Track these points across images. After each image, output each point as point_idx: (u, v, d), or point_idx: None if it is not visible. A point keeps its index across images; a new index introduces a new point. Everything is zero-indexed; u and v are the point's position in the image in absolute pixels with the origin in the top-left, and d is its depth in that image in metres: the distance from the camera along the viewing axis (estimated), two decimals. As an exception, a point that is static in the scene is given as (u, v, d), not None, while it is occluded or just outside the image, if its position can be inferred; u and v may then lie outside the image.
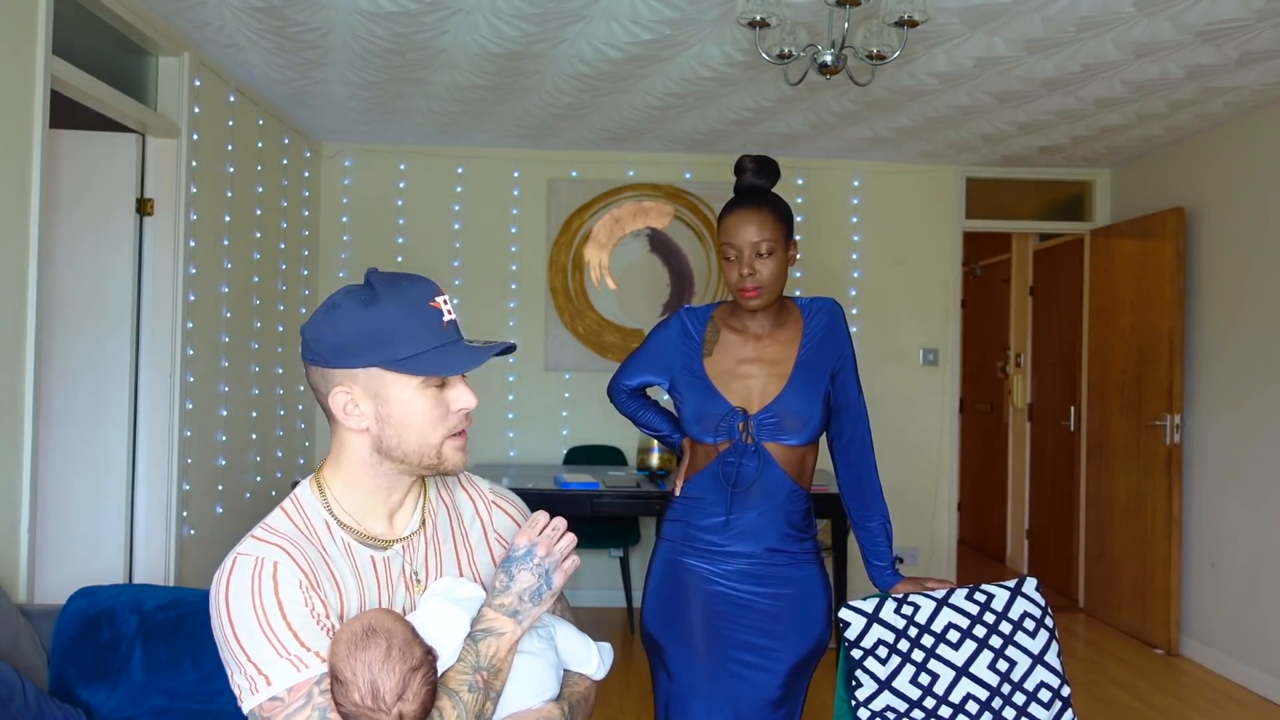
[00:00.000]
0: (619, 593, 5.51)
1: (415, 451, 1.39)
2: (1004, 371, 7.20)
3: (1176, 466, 5.04)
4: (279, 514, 1.41)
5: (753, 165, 2.25)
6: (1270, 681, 4.43)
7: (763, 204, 2.20)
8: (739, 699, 2.16)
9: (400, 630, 1.32)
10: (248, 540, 1.37)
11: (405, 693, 1.29)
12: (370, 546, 1.42)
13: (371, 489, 1.42)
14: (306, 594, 1.33)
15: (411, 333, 1.35)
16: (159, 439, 3.81)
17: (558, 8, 3.46)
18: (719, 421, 2.19)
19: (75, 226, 3.66)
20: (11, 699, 2.15)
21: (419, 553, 1.46)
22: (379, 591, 1.41)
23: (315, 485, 1.44)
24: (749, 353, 2.25)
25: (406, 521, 1.47)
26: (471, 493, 1.59)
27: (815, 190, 5.70)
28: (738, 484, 2.18)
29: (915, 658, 2.07)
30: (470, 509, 1.56)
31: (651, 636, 2.25)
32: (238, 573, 1.33)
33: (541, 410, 5.78)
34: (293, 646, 1.30)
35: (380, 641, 1.29)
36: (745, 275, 2.16)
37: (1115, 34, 3.60)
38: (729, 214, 2.21)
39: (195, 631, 2.52)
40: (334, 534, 1.41)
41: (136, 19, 3.48)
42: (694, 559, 2.22)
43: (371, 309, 1.35)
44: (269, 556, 1.33)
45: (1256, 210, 4.62)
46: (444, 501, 1.54)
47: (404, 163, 5.73)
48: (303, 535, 1.38)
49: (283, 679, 1.29)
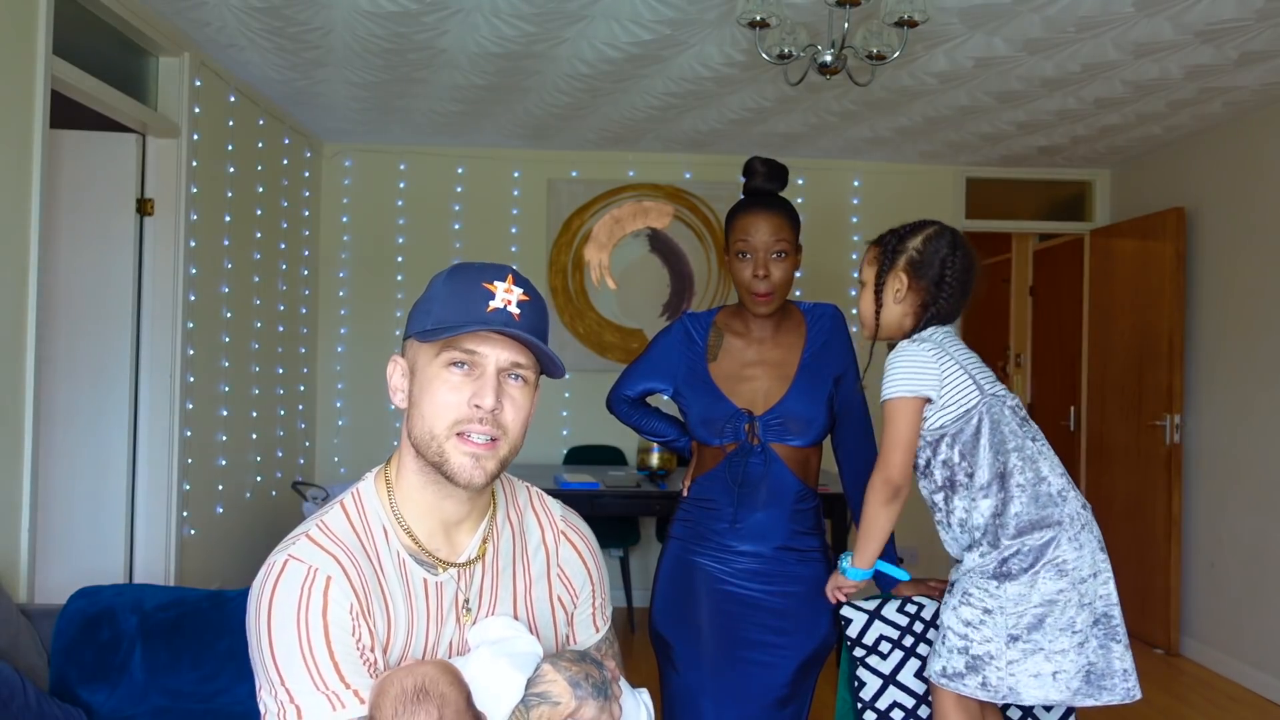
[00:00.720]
0: (619, 592, 5.51)
1: (422, 439, 1.28)
2: (1004, 371, 7.20)
3: (1176, 467, 5.04)
4: (338, 512, 1.30)
5: (764, 168, 2.25)
6: (1270, 681, 4.43)
7: (777, 207, 2.20)
8: (747, 698, 2.16)
9: (454, 697, 1.21)
10: (302, 541, 1.26)
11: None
12: (426, 566, 1.31)
13: (420, 485, 1.31)
14: (356, 621, 1.22)
15: (449, 307, 1.27)
16: (159, 439, 3.81)
17: (558, 8, 3.46)
18: (725, 424, 2.19)
19: (76, 227, 3.66)
20: (12, 699, 2.15)
21: (475, 580, 1.35)
22: (428, 621, 1.31)
23: (382, 480, 1.34)
24: (752, 356, 2.25)
25: (467, 540, 1.36)
26: (542, 517, 1.48)
27: (815, 190, 5.70)
28: (744, 484, 2.18)
29: (920, 651, 2.07)
30: (538, 536, 1.45)
31: (660, 635, 2.25)
32: (287, 579, 1.22)
33: (541, 410, 5.74)
34: (332, 680, 1.20)
35: (432, 710, 1.18)
36: (760, 278, 2.16)
37: (1115, 34, 3.60)
38: (744, 213, 2.20)
39: (195, 631, 2.52)
40: (391, 544, 1.30)
41: (136, 19, 3.48)
42: (704, 558, 2.22)
43: (435, 281, 1.33)
44: (324, 569, 1.22)
45: (1256, 210, 4.62)
46: (511, 524, 1.42)
47: (404, 163, 5.73)
48: (360, 545, 1.28)
49: (315, 715, 1.19)
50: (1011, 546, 1.87)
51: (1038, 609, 1.84)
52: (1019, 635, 1.84)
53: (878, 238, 2.04)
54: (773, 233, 2.16)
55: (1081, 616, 1.86)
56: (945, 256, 1.95)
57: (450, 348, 1.27)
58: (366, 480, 1.36)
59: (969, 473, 1.91)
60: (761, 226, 2.16)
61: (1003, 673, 1.84)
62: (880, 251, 2.00)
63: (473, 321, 1.26)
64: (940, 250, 1.95)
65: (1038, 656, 1.83)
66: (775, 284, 2.17)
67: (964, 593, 1.91)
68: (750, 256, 2.17)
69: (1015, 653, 1.84)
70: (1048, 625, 1.84)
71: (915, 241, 1.97)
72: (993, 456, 1.89)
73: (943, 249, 1.95)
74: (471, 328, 1.25)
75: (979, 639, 1.86)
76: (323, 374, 5.70)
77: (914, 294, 1.97)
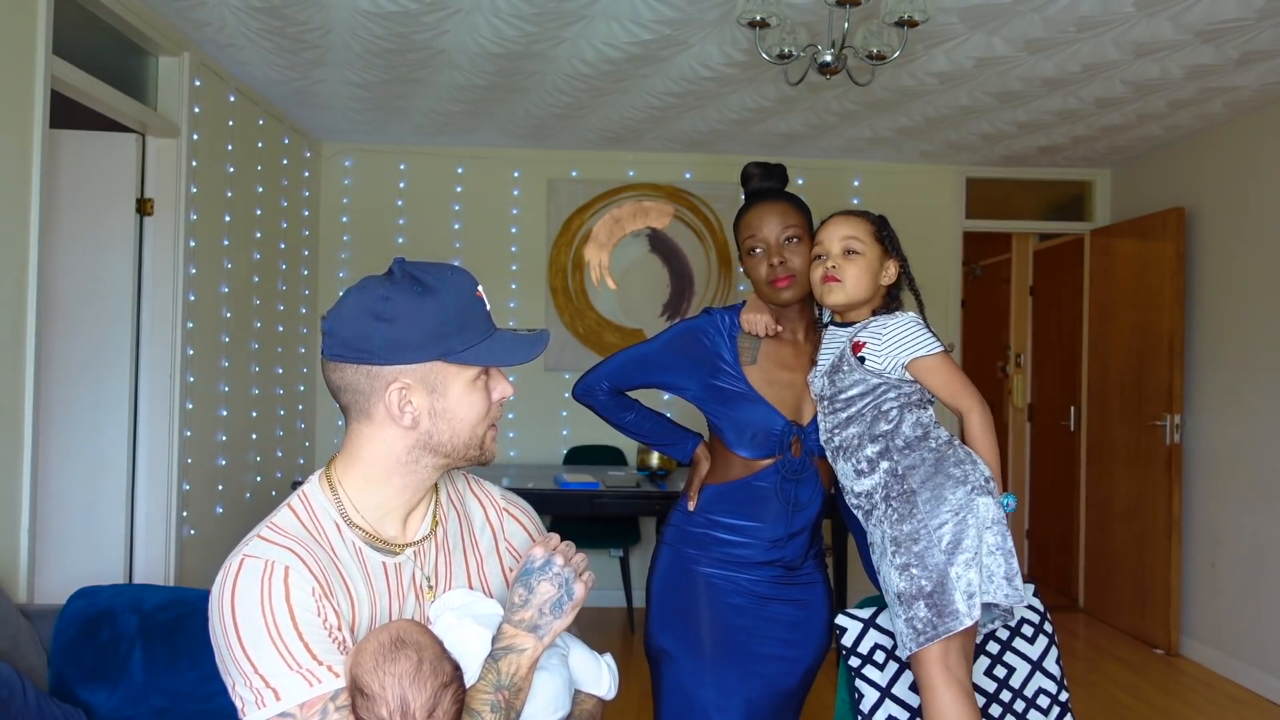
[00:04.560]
0: (619, 593, 5.51)
1: (465, 443, 1.36)
2: (1004, 371, 7.20)
3: (1176, 466, 5.04)
4: (287, 513, 1.33)
5: (759, 170, 2.15)
6: (1270, 681, 4.43)
7: (780, 198, 2.10)
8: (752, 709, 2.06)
9: (431, 644, 1.25)
10: (254, 541, 1.28)
11: (436, 710, 1.21)
12: (381, 551, 1.36)
13: (397, 489, 1.37)
14: (319, 602, 1.25)
15: (468, 325, 1.33)
16: (159, 439, 3.81)
17: (558, 8, 3.46)
18: (769, 436, 2.04)
19: (75, 226, 3.66)
20: (11, 699, 2.15)
21: (430, 559, 1.40)
22: (390, 600, 1.35)
23: (325, 483, 1.37)
24: (789, 358, 2.12)
25: (418, 525, 1.41)
26: (482, 498, 1.53)
27: (815, 190, 5.70)
28: (797, 504, 2.06)
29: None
30: (481, 515, 1.51)
31: (661, 647, 2.11)
32: (245, 576, 1.24)
33: (541, 410, 5.77)
34: (304, 659, 1.22)
35: (411, 654, 1.22)
36: (776, 265, 2.04)
37: (1115, 34, 3.60)
38: (748, 211, 2.10)
39: (195, 631, 2.52)
40: (344, 536, 1.34)
41: (136, 19, 3.48)
42: (709, 568, 2.09)
43: (429, 301, 1.30)
44: (280, 560, 1.25)
45: (1256, 210, 4.61)
46: (454, 506, 1.48)
47: (404, 163, 5.73)
48: (312, 537, 1.31)
49: (294, 694, 1.20)
50: (910, 476, 1.92)
51: (956, 514, 1.87)
52: (957, 542, 1.86)
53: (864, 213, 2.05)
54: (780, 220, 2.05)
55: (994, 512, 1.89)
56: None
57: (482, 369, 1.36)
58: (311, 483, 1.39)
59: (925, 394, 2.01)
60: (768, 219, 2.06)
61: (957, 593, 1.83)
62: (877, 232, 2.03)
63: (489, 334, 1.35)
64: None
65: (972, 568, 1.85)
66: (794, 269, 2.04)
67: (888, 541, 1.92)
68: (762, 251, 2.05)
69: (958, 565, 1.85)
70: (970, 526, 1.86)
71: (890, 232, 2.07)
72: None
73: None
74: (520, 359, 1.36)
75: (922, 573, 1.86)
76: (323, 374, 5.69)
77: (886, 288, 2.06)
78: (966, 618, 1.82)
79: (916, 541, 1.87)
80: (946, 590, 1.83)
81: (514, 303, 5.76)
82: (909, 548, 1.88)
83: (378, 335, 1.29)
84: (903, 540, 1.89)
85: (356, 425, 1.36)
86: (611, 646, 5.05)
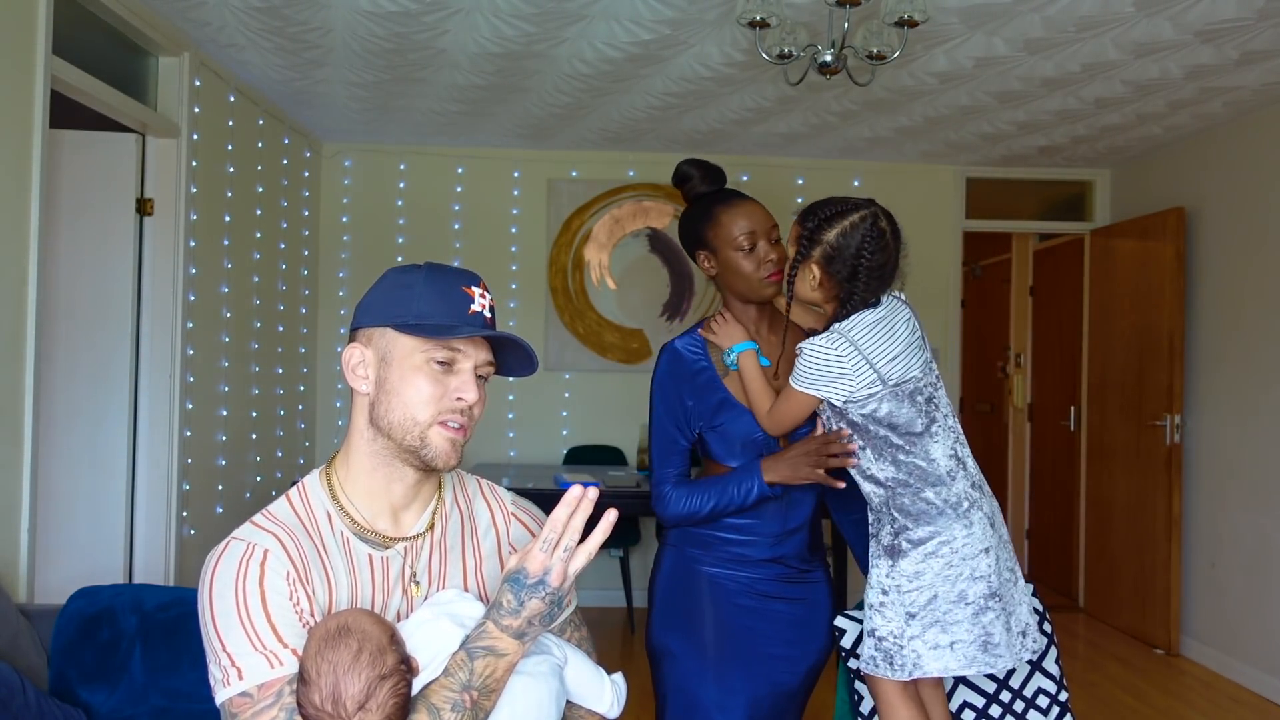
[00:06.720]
0: (618, 593, 5.51)
1: (400, 425, 1.35)
2: (1004, 371, 7.20)
3: (1176, 466, 5.04)
4: (283, 501, 1.39)
5: (699, 170, 2.13)
6: (1270, 681, 4.43)
7: (745, 195, 2.11)
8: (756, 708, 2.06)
9: (376, 633, 1.23)
10: (246, 525, 1.34)
11: (369, 702, 1.20)
12: (370, 543, 1.38)
13: (370, 469, 1.38)
14: (293, 586, 1.28)
15: (430, 304, 1.35)
16: (159, 439, 3.81)
17: (558, 8, 3.46)
18: (752, 443, 2.05)
19: (75, 226, 3.66)
20: (11, 699, 2.15)
21: (422, 555, 1.41)
22: (374, 592, 1.36)
23: (324, 474, 1.42)
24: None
25: (414, 522, 1.42)
26: (492, 503, 1.53)
27: (815, 190, 5.69)
28: (790, 499, 2.07)
29: None
30: (487, 518, 1.51)
31: (663, 646, 2.11)
32: (227, 557, 1.29)
33: (541, 410, 5.77)
34: (269, 640, 1.24)
35: (351, 643, 1.22)
36: (772, 261, 2.04)
37: (1115, 34, 3.60)
38: (729, 209, 2.07)
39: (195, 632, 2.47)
40: (334, 526, 1.37)
41: (136, 19, 3.48)
42: (714, 568, 2.09)
43: (405, 277, 1.38)
44: (260, 543, 1.30)
45: (1256, 210, 4.61)
46: (459, 507, 1.49)
47: (404, 163, 5.73)
48: (302, 524, 1.35)
49: (254, 674, 1.23)
50: (900, 522, 1.91)
51: (930, 585, 1.88)
52: (915, 612, 1.89)
53: (804, 211, 1.95)
54: (765, 216, 2.06)
55: (975, 588, 1.88)
56: (859, 248, 1.87)
57: (441, 346, 1.35)
58: (311, 476, 1.43)
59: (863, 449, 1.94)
60: (756, 215, 2.05)
61: (906, 650, 1.89)
62: (800, 233, 1.92)
63: (466, 325, 1.36)
64: (854, 242, 1.87)
65: (934, 629, 1.88)
66: (780, 263, 2.04)
67: (872, 581, 1.97)
68: (752, 244, 2.04)
69: (915, 628, 1.89)
70: (940, 598, 1.88)
71: (831, 235, 1.88)
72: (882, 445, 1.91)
73: (856, 240, 1.87)
74: (468, 331, 1.35)
75: (883, 622, 1.92)
76: (322, 374, 5.70)
77: (826, 288, 1.92)
78: (912, 673, 1.90)
79: (886, 593, 1.93)
80: (902, 649, 1.90)
81: (514, 303, 5.76)
82: (882, 592, 1.94)
83: (360, 305, 1.41)
84: (881, 581, 1.94)
85: (350, 411, 1.43)
86: (611, 646, 5.05)
